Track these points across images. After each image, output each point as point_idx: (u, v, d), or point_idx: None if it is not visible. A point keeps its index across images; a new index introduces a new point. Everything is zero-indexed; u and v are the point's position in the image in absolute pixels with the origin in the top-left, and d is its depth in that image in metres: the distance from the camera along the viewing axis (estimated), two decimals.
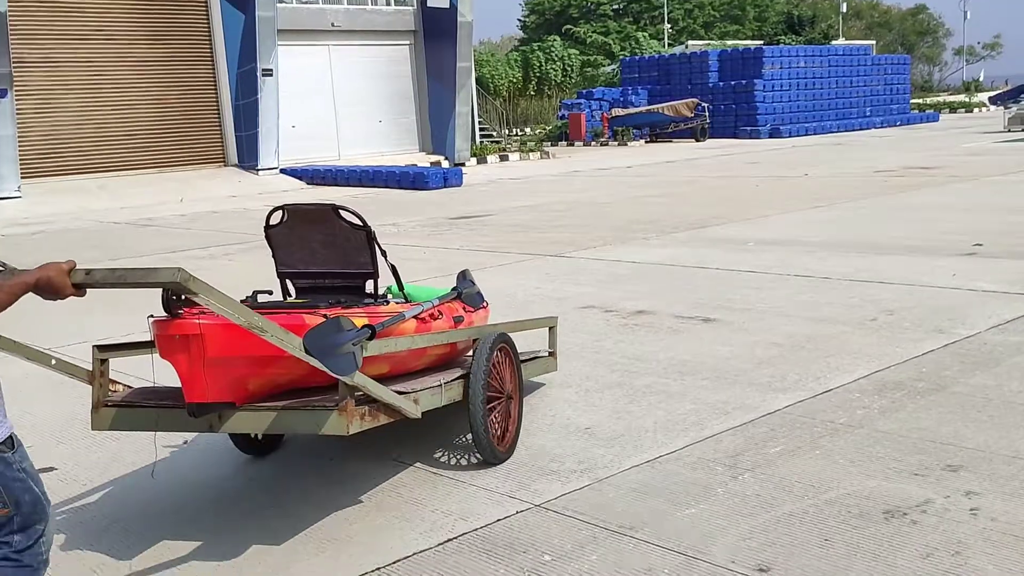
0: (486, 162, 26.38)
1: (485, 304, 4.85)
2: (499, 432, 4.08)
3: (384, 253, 4.03)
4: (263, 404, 3.33)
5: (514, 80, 37.32)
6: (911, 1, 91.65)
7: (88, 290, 2.51)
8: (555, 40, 41.00)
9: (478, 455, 4.04)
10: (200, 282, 2.74)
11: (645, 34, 46.42)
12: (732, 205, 13.38)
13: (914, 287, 7.17)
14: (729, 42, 43.23)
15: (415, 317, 3.90)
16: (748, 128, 32.15)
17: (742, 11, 64.46)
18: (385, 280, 4.22)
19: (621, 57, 40.09)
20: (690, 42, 45.92)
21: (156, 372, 3.75)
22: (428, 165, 24.82)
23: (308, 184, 21.96)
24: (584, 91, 35.96)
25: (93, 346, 3.63)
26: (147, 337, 3.48)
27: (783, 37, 46.67)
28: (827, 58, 35.11)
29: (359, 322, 3.34)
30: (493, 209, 14.85)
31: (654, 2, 60.73)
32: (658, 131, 33.12)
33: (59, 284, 2.39)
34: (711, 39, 52.60)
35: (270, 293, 3.97)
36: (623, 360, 5.67)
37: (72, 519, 3.80)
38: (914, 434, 4.17)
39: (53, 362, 3.15)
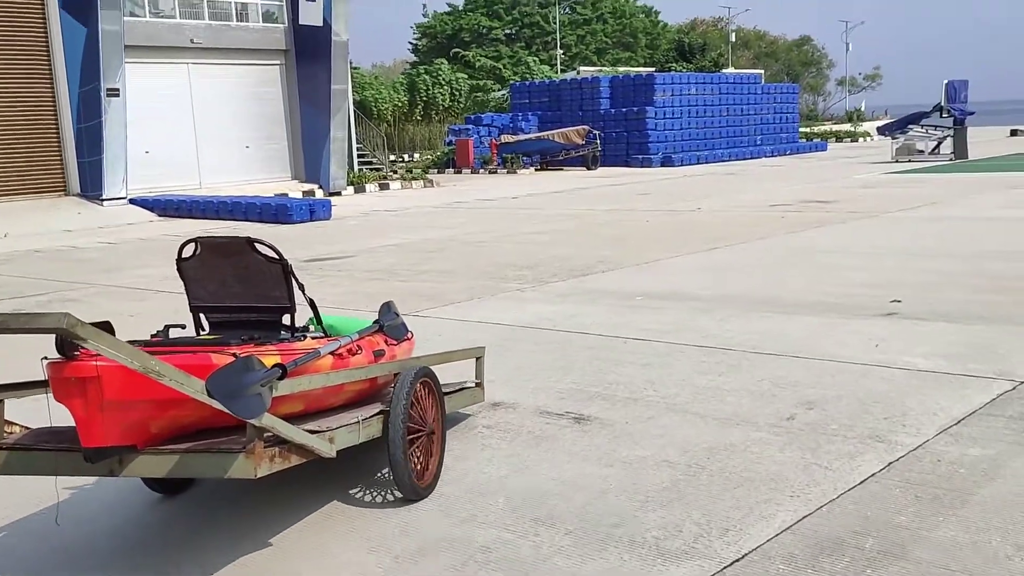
0: (364, 191, 24.61)
1: (410, 335, 4.68)
2: (420, 468, 3.97)
3: (302, 287, 3.94)
4: (165, 447, 3.20)
5: (399, 104, 35.61)
6: (796, 32, 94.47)
7: None
8: (442, 63, 39.52)
9: (398, 492, 3.93)
10: (88, 327, 2.65)
11: (536, 59, 45.47)
12: (620, 245, 12.04)
13: (833, 364, 5.82)
14: (621, 69, 42.69)
15: (332, 353, 3.80)
16: (640, 156, 31.36)
17: (634, 38, 64.86)
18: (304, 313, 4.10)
19: (511, 82, 38.96)
20: (581, 68, 45.25)
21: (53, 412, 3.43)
22: (300, 195, 22.95)
23: (160, 216, 19.74)
24: (472, 116, 34.58)
25: None
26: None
27: (674, 64, 46.54)
28: (718, 85, 34.77)
29: (270, 361, 3.26)
30: (356, 249, 13.12)
31: (547, 27, 60.40)
32: (549, 158, 32.00)
33: None
34: (603, 66, 52.23)
35: (183, 327, 3.91)
36: (460, 495, 4.07)
37: None
38: None
39: None
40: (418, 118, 36.56)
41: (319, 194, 23.53)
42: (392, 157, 36.64)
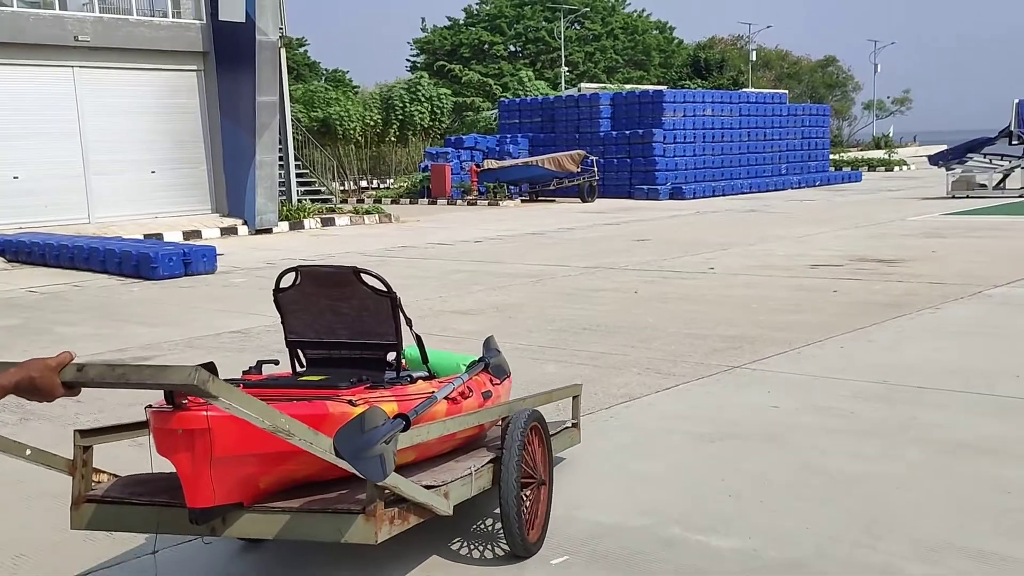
0: (302, 227, 20.06)
1: (509, 374, 4.29)
2: (530, 520, 3.57)
3: (410, 322, 3.65)
4: (275, 505, 2.89)
5: (371, 123, 31.12)
6: (821, 52, 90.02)
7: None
8: (422, 77, 35.01)
9: (504, 546, 3.58)
10: (221, 384, 2.31)
11: (530, 73, 40.85)
12: (576, 351, 7.32)
13: None
14: (627, 86, 38.07)
15: (446, 398, 3.52)
16: (645, 187, 26.68)
17: (647, 56, 60.38)
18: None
19: (501, 99, 34.43)
20: (583, 84, 40.67)
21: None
22: (217, 232, 18.50)
23: (10, 263, 15.19)
24: (453, 138, 30.04)
25: (75, 431, 3.12)
26: (140, 417, 2.93)
27: (688, 82, 41.90)
28: (738, 106, 30.09)
29: (389, 408, 3.03)
30: (175, 340, 8.46)
31: (552, 43, 56.06)
32: (539, 188, 27.41)
33: (45, 387, 2.02)
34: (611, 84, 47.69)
35: (276, 363, 3.66)
36: None
37: None
38: None
39: (28, 452, 2.79)
40: (392, 139, 32.02)
41: (242, 231, 19.08)
42: (368, 183, 32.15)
